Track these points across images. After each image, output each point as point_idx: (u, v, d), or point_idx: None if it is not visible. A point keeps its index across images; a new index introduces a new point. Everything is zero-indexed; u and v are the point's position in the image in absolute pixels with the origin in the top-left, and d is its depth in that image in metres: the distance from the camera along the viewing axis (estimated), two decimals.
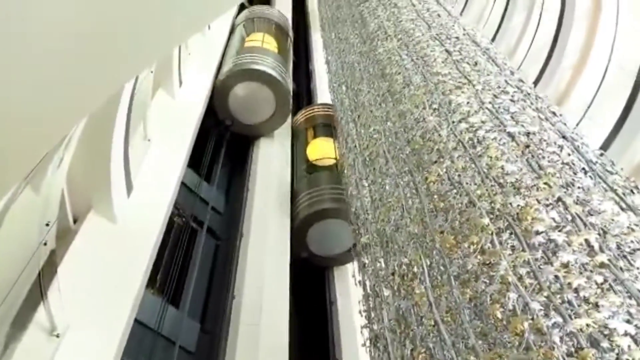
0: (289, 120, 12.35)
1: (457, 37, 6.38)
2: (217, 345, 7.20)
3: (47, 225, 4.75)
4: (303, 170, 11.07)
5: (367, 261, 4.64)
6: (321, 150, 11.10)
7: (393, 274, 3.83)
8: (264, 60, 11.61)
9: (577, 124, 8.75)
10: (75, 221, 6.16)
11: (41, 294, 4.65)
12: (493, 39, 12.11)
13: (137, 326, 6.15)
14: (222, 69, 11.77)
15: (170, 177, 7.95)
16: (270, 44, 12.90)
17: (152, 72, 8.40)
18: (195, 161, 9.87)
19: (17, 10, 2.16)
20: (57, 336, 4.71)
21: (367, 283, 4.61)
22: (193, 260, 8.36)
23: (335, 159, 9.81)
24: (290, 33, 15.00)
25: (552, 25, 11.23)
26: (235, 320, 7.36)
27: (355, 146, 6.17)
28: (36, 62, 2.45)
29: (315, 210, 9.74)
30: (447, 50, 5.95)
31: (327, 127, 11.29)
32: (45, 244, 4.68)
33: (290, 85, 12.16)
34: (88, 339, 4.91)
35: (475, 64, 5.49)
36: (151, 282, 6.86)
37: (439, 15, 7.39)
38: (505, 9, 14.54)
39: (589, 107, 9.68)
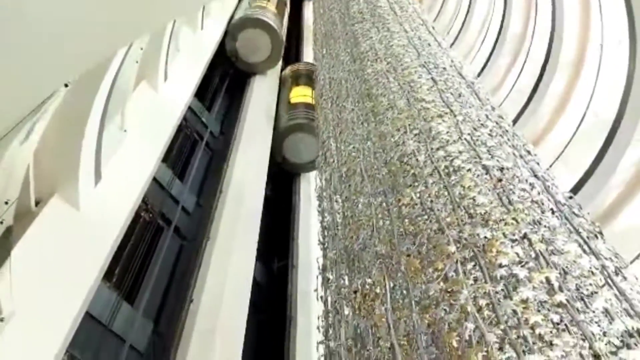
0: (280, 64, 16.40)
1: (444, 68, 6.51)
2: (168, 349, 7.00)
3: (6, 203, 4.56)
4: (285, 103, 14.92)
5: (331, 277, 4.61)
6: (300, 93, 15.12)
7: (356, 292, 3.81)
8: (266, 14, 15.41)
9: (550, 166, 8.97)
10: (37, 204, 5.95)
11: None
12: (478, 75, 12.40)
13: (88, 319, 5.94)
14: (235, 17, 15.31)
15: (141, 171, 7.77)
16: (271, 6, 16.77)
17: (137, 62, 8.27)
18: (201, 91, 12.36)
19: None
20: (1, 320, 4.49)
21: (329, 299, 4.57)
22: (155, 258, 8.16)
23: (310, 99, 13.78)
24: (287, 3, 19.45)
25: (535, 70, 11.58)
26: (190, 325, 7.18)
27: (334, 161, 6.18)
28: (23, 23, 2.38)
29: (292, 124, 13.59)
30: (433, 79, 6.05)
31: (306, 78, 15.66)
32: (1, 222, 4.48)
33: (283, 37, 16.04)
34: (34, 327, 4.69)
35: (459, 95, 5.59)
36: (108, 275, 6.65)
37: (429, 45, 7.53)
38: (492, 50, 14.95)
39: (563, 150, 9.95)
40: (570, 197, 3.91)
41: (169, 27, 9.54)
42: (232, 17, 15.39)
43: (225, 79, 14.97)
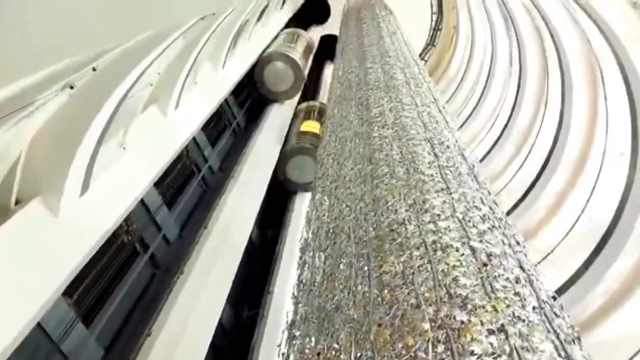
0: (297, 98, 19.01)
1: (448, 146, 6.58)
2: None
3: None
4: (296, 131, 17.01)
5: (297, 334, 4.40)
6: (310, 125, 17.26)
7: (319, 354, 3.61)
8: (293, 53, 18.06)
9: (538, 262, 8.89)
10: (17, 202, 5.79)
11: None
12: (481, 160, 12.59)
13: (38, 332, 5.62)
14: (269, 49, 17.91)
15: (130, 191, 7.64)
16: (300, 48, 19.35)
17: (151, 85, 8.38)
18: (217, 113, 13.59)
19: None
20: None
21: (291, 357, 4.33)
22: (123, 283, 7.85)
23: (319, 131, 15.52)
24: (313, 50, 22.39)
25: (537, 165, 11.78)
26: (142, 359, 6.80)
27: (324, 215, 6.09)
28: None
29: (299, 146, 15.72)
30: (435, 154, 6.10)
31: (318, 115, 17.62)
32: None
33: (305, 74, 18.66)
34: None
35: (459, 174, 5.61)
36: (70, 291, 6.37)
37: (437, 122, 7.68)
38: (498, 138, 15.30)
39: (553, 249, 9.91)
40: (554, 297, 3.81)
41: (191, 58, 9.76)
42: (257, 59, 17.39)
43: (247, 101, 17.51)
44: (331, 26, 26.50)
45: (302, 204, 14.35)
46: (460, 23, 24.08)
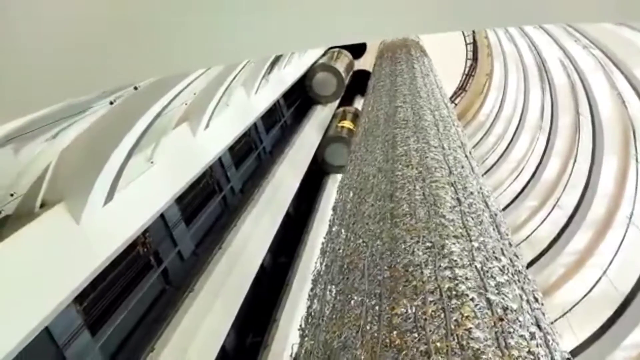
0: (337, 101, 23.67)
1: (471, 192, 6.52)
2: None
3: (12, 195, 4.55)
4: (335, 126, 21.60)
5: None
6: (347, 123, 21.72)
7: None
8: (337, 65, 22.94)
9: (554, 321, 8.57)
10: (42, 206, 5.93)
11: None
12: (503, 209, 12.40)
13: (45, 335, 5.64)
14: (318, 61, 22.78)
15: (152, 205, 7.76)
16: (343, 62, 24.27)
17: (185, 104, 8.60)
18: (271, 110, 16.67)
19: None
20: None
21: None
22: (133, 295, 7.87)
23: (352, 127, 20.30)
24: (353, 67, 26.63)
25: (560, 221, 11.53)
26: None
27: (339, 249, 6.05)
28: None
29: (337, 135, 20.65)
30: (458, 199, 6.04)
31: (353, 116, 21.96)
32: (0, 211, 4.45)
33: (345, 83, 23.09)
34: None
35: (480, 222, 5.53)
36: (81, 298, 6.42)
37: (462, 167, 7.63)
38: (522, 189, 15.08)
39: (570, 309, 9.57)
40: (568, 359, 3.67)
41: (226, 82, 10.02)
42: (305, 71, 21.72)
43: (297, 101, 21.65)
44: (365, 61, 27.04)
45: (334, 184, 17.36)
46: (494, 71, 24.19)
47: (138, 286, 8.04)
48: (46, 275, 5.29)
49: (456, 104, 26.78)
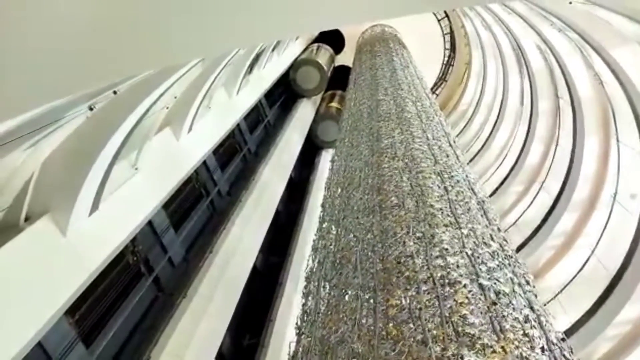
0: (321, 94, 24.72)
1: (458, 180, 6.56)
2: None
3: None
4: (324, 107, 24.01)
5: None
6: (334, 105, 23.76)
7: None
8: (320, 59, 23.67)
9: (547, 302, 8.71)
10: (27, 219, 5.83)
11: None
12: (490, 196, 12.51)
13: (37, 350, 5.55)
14: (300, 56, 23.61)
15: (139, 212, 7.67)
16: (324, 57, 24.93)
17: (167, 107, 8.50)
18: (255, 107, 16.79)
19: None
20: None
21: None
22: (125, 304, 7.78)
23: (339, 107, 22.31)
24: (334, 61, 27.26)
25: (546, 203, 11.67)
26: None
27: (331, 245, 6.05)
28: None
29: (327, 113, 23.06)
30: (445, 188, 6.08)
31: (339, 98, 23.68)
32: None
33: (328, 75, 23.93)
34: None
35: (468, 209, 5.57)
36: (72, 310, 6.32)
37: (447, 156, 7.68)
38: (507, 175, 15.23)
39: (561, 290, 9.71)
40: (563, 339, 3.72)
41: (207, 84, 9.94)
42: (289, 65, 22.59)
43: (282, 96, 22.73)
44: (345, 57, 27.10)
45: (326, 158, 19.34)
46: (472, 59, 24.38)
47: (130, 295, 7.95)
48: (35, 290, 5.20)
49: (437, 94, 26.95)
